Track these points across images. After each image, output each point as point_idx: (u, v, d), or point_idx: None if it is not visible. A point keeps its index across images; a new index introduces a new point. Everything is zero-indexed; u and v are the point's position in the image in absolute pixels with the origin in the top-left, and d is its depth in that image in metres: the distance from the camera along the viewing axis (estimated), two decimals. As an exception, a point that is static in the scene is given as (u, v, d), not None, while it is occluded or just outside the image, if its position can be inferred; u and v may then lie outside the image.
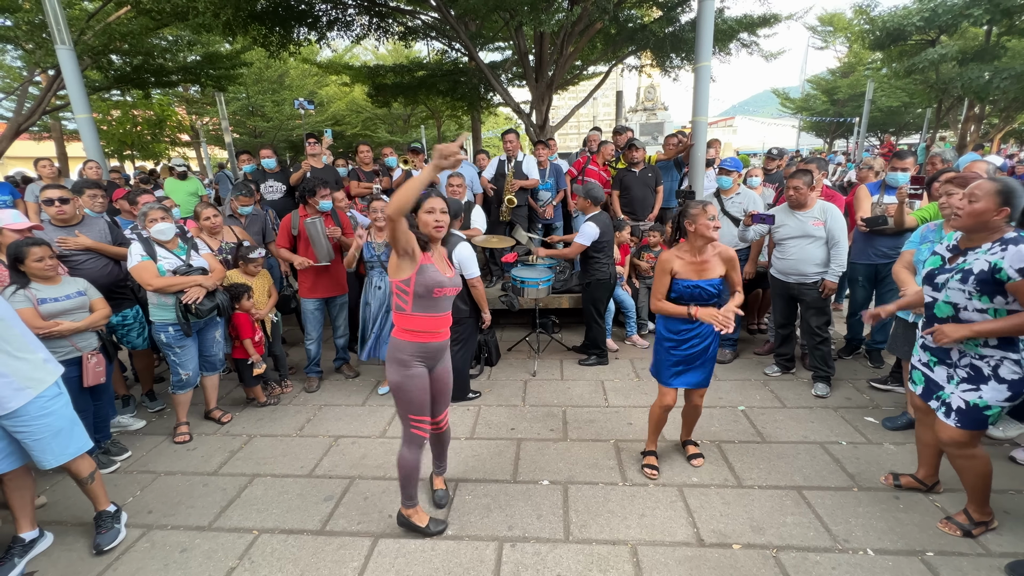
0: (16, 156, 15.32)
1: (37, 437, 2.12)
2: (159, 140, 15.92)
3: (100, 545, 2.34)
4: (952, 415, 2.10)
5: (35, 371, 2.13)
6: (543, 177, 5.22)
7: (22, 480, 2.21)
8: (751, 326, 4.92)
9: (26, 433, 2.11)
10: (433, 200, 2.08)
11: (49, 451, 2.16)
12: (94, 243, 3.21)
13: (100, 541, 2.35)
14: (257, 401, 3.74)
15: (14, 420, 2.08)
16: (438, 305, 2.16)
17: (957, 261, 2.07)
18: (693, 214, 2.44)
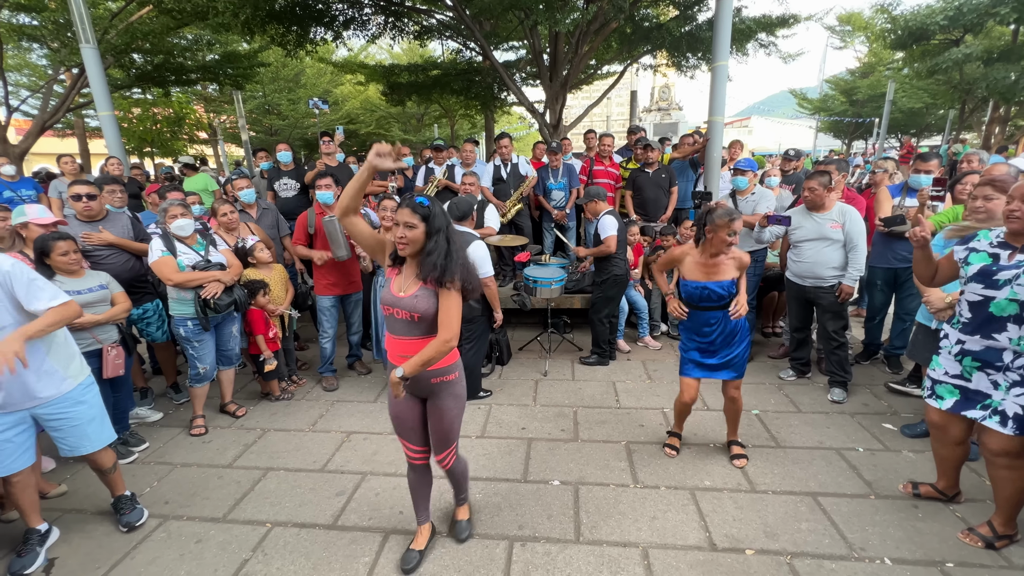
0: (40, 152, 15.68)
1: (75, 423, 2.21)
2: (178, 137, 16.20)
3: (130, 522, 2.44)
4: (1009, 423, 1.99)
5: (73, 365, 2.25)
6: (556, 177, 5.21)
7: (29, 478, 2.24)
8: (765, 329, 4.86)
9: (64, 420, 2.19)
10: (399, 212, 1.82)
11: (85, 438, 2.25)
12: (117, 239, 3.27)
13: (129, 519, 2.44)
14: (272, 395, 3.79)
15: (53, 407, 2.16)
16: (392, 325, 1.93)
17: (1016, 258, 2.00)
18: (717, 224, 2.44)
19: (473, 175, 4.21)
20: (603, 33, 8.34)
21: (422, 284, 1.85)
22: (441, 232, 1.82)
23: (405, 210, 1.80)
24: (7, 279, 2.00)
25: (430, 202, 1.82)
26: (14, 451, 2.11)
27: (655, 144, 5.16)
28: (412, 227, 1.79)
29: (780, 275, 4.49)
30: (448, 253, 1.81)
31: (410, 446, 2.12)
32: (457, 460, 2.20)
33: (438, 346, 1.81)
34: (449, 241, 1.83)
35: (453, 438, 2.12)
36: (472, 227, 3.52)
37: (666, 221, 5.17)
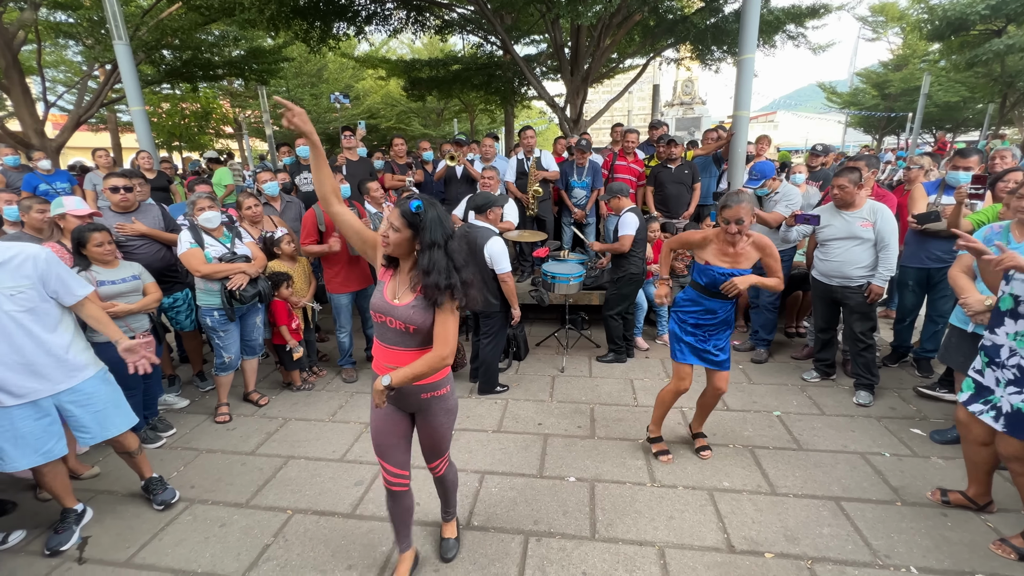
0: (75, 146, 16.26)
1: (99, 408, 2.30)
2: (205, 132, 16.59)
3: (166, 500, 2.56)
4: (1001, 420, 2.02)
5: (89, 354, 2.35)
6: (580, 175, 5.16)
7: (60, 466, 2.33)
8: (789, 329, 4.76)
9: (89, 405, 2.27)
10: (391, 210, 1.70)
11: (109, 421, 2.34)
12: (149, 230, 3.37)
13: (164, 498, 2.56)
14: (293, 385, 3.87)
15: (78, 393, 2.24)
16: (383, 333, 1.77)
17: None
18: (724, 215, 2.44)
19: (493, 170, 4.19)
20: (626, 26, 8.22)
21: (418, 293, 1.68)
22: (437, 247, 1.62)
23: (396, 210, 1.66)
24: (47, 266, 2.12)
25: (426, 209, 1.63)
26: (46, 440, 2.18)
27: (679, 140, 5.07)
28: (396, 230, 1.64)
29: (805, 274, 4.38)
30: (450, 270, 1.63)
31: (390, 468, 1.90)
32: (449, 467, 2.10)
33: (432, 361, 1.67)
34: (450, 256, 1.64)
35: (445, 448, 2.02)
36: (493, 222, 3.52)
37: (688, 218, 5.09)
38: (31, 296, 2.08)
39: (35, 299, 2.09)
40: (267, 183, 4.27)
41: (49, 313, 2.15)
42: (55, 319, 2.18)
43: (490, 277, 3.44)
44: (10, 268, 2.04)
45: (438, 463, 2.04)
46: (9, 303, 2.02)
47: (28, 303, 2.07)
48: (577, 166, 5.17)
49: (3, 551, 2.30)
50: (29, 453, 2.14)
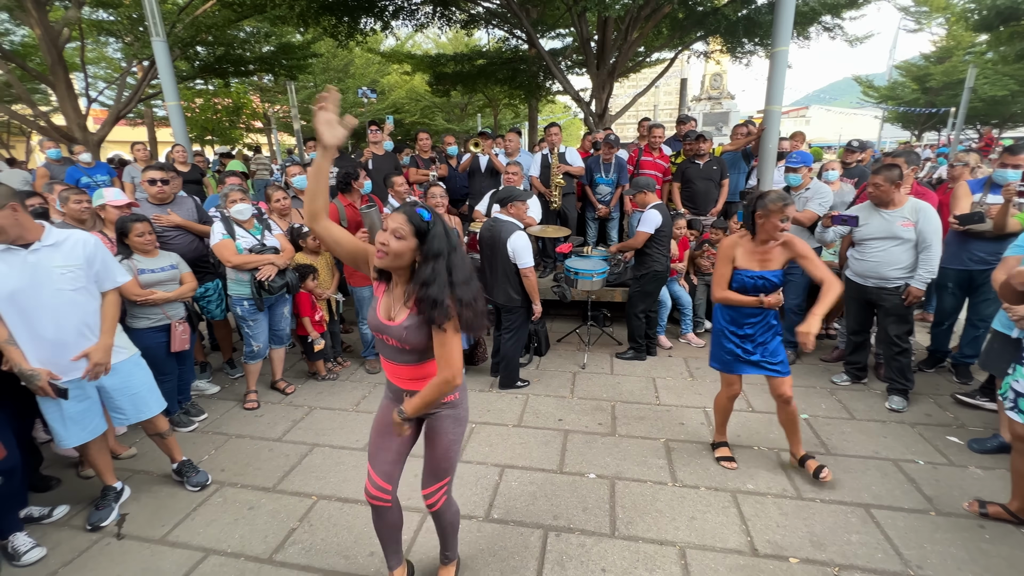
0: (113, 140, 16.90)
1: (135, 391, 2.44)
2: (236, 126, 17.02)
3: (200, 482, 2.67)
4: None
5: (124, 339, 2.50)
6: (607, 172, 5.10)
7: (102, 443, 2.46)
8: (818, 331, 4.61)
9: (126, 388, 2.40)
10: (392, 216, 1.52)
11: (143, 404, 2.47)
12: (184, 221, 3.48)
13: (198, 479, 2.67)
14: (318, 375, 3.96)
15: (116, 374, 2.37)
16: (383, 348, 1.69)
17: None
18: (769, 209, 2.34)
19: (518, 165, 4.18)
20: (654, 18, 8.07)
21: (412, 310, 1.56)
22: (441, 257, 1.50)
23: (400, 216, 1.50)
24: (95, 250, 2.28)
25: (433, 217, 1.52)
26: (91, 419, 2.33)
27: (708, 135, 4.96)
28: (401, 237, 1.49)
29: (836, 275, 4.25)
30: (450, 284, 1.50)
31: (375, 477, 1.77)
32: (448, 502, 1.86)
33: (440, 387, 1.57)
34: (451, 270, 1.52)
35: (448, 470, 1.80)
36: (517, 216, 3.52)
37: (716, 215, 4.98)
38: (79, 276, 2.22)
39: (83, 279, 2.24)
40: (296, 176, 4.36)
41: (93, 295, 2.29)
42: (98, 301, 2.32)
43: (512, 272, 3.45)
44: (64, 249, 2.19)
45: (435, 490, 1.80)
46: (59, 281, 2.16)
47: (77, 283, 2.22)
48: (603, 162, 5.11)
49: (48, 524, 2.42)
50: (77, 431, 2.29)
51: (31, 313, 2.12)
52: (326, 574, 2.11)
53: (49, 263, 2.14)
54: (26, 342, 2.14)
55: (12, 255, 2.08)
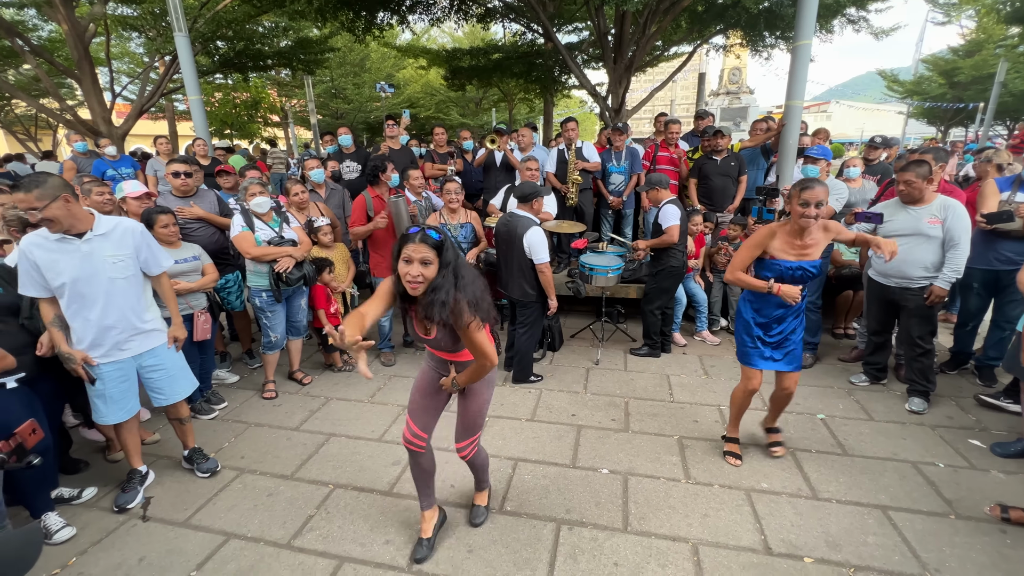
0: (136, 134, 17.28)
1: (171, 373, 2.55)
2: (254, 120, 17.25)
3: (211, 469, 2.74)
4: None
5: (162, 322, 2.57)
6: (619, 160, 5.07)
7: (134, 424, 2.56)
8: (836, 330, 4.55)
9: (163, 369, 2.52)
10: (412, 246, 1.64)
11: (178, 385, 2.59)
12: (205, 213, 3.56)
13: (209, 466, 2.75)
14: (334, 367, 4.02)
15: (152, 358, 2.48)
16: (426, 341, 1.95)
17: None
18: (790, 195, 2.32)
19: (535, 160, 4.18)
20: (673, 12, 7.96)
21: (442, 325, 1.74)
22: (450, 265, 1.68)
23: (419, 245, 1.62)
24: (141, 238, 2.40)
25: (440, 235, 1.68)
26: (129, 399, 2.45)
27: (726, 130, 4.89)
28: (429, 263, 1.63)
29: (856, 274, 4.18)
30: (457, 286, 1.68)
31: (414, 428, 2.07)
32: (478, 451, 2.20)
33: (479, 370, 1.92)
34: (457, 273, 1.69)
35: (479, 425, 2.14)
36: (533, 212, 3.52)
37: (733, 212, 4.92)
38: (129, 264, 2.34)
39: (131, 267, 2.35)
40: (313, 170, 4.41)
41: (139, 281, 2.41)
42: (141, 287, 2.43)
43: (528, 267, 3.45)
44: (114, 238, 2.29)
45: (468, 444, 2.14)
46: (111, 269, 2.27)
47: (128, 271, 2.33)
48: (615, 151, 5.07)
49: (77, 505, 2.52)
50: (117, 410, 2.41)
51: (85, 299, 2.23)
52: (343, 560, 2.16)
53: (101, 252, 2.25)
54: (76, 325, 2.26)
55: (67, 244, 2.18)
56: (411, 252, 1.63)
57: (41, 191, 2.03)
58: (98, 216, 2.28)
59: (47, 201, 2.05)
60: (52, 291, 2.21)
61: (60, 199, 2.08)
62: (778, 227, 2.47)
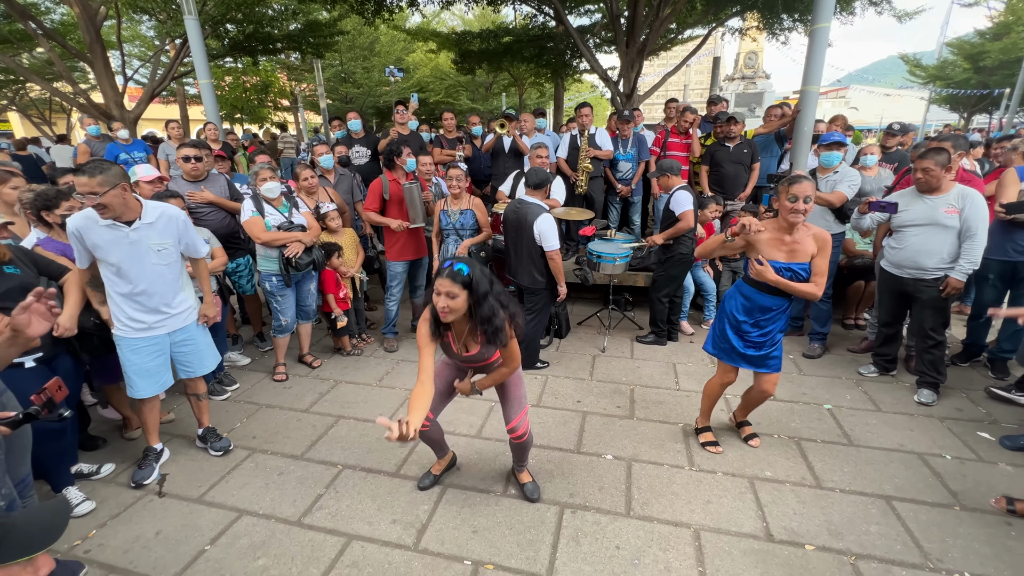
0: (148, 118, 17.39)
1: (199, 348, 2.67)
2: (264, 104, 17.25)
3: (224, 447, 2.83)
4: None
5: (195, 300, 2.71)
6: (625, 147, 5.00)
7: (156, 401, 2.64)
8: (847, 321, 4.51)
9: (191, 345, 2.62)
10: (440, 280, 1.84)
11: (205, 358, 2.70)
12: (216, 198, 3.59)
13: (222, 445, 2.83)
14: (343, 351, 4.08)
15: (184, 333, 2.59)
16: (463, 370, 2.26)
17: None
18: (778, 190, 2.31)
19: (544, 147, 4.14)
20: (688, -7, 7.77)
21: (482, 340, 1.98)
22: (489, 295, 1.87)
23: (446, 280, 1.82)
24: (183, 227, 2.50)
25: (470, 268, 1.84)
26: (164, 373, 2.55)
27: (740, 116, 4.80)
28: (454, 296, 1.83)
29: (869, 264, 4.12)
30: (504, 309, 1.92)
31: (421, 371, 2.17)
32: (528, 427, 2.30)
33: (506, 374, 2.15)
34: (500, 300, 1.91)
35: (525, 398, 2.29)
36: (543, 198, 3.51)
37: (744, 200, 4.86)
38: (172, 252, 2.45)
39: (174, 255, 2.47)
40: (323, 156, 4.42)
41: (178, 266, 2.51)
42: (179, 271, 2.53)
43: (538, 254, 3.45)
44: (158, 227, 2.38)
45: (519, 421, 2.24)
46: (155, 257, 2.38)
47: (170, 258, 2.44)
48: (622, 138, 5.01)
49: (96, 480, 2.60)
50: (151, 384, 2.52)
51: (128, 280, 2.35)
52: (351, 537, 2.22)
53: (147, 240, 2.35)
54: (117, 300, 2.38)
55: (116, 231, 2.27)
56: (439, 286, 1.84)
57: (104, 178, 2.13)
58: (145, 204, 2.36)
59: (108, 188, 2.14)
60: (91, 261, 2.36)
61: (119, 187, 2.18)
62: (769, 224, 2.44)
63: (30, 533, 0.80)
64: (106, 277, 2.37)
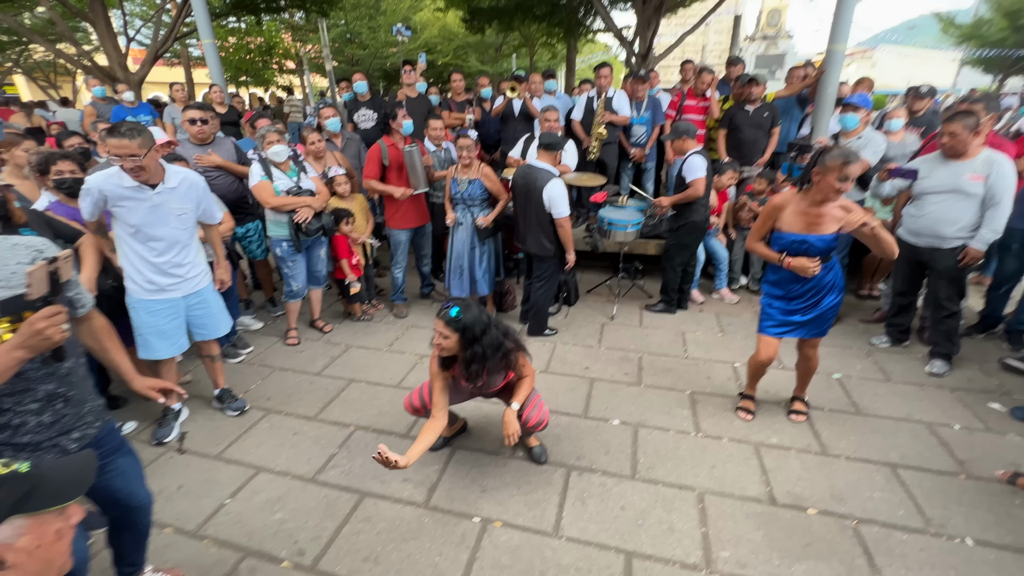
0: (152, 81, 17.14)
1: (213, 311, 2.71)
2: (268, 66, 16.88)
3: (240, 407, 2.91)
4: None
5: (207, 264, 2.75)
6: (639, 110, 4.83)
7: (172, 363, 2.70)
8: (861, 291, 4.44)
9: (207, 308, 2.67)
10: (436, 321, 2.03)
11: (219, 321, 2.75)
12: (224, 162, 3.56)
13: (238, 405, 2.92)
14: (353, 316, 4.12)
15: (200, 296, 2.62)
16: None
17: None
18: (827, 166, 2.18)
19: (555, 110, 4.01)
20: (710, -56, 7.33)
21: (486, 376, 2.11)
22: (478, 342, 2.00)
23: (439, 322, 2.01)
24: (203, 192, 2.54)
25: (462, 313, 1.98)
26: (179, 335, 2.60)
27: (761, 79, 4.60)
28: (447, 337, 2.00)
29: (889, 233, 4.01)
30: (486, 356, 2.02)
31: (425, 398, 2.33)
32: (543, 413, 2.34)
33: (532, 384, 2.28)
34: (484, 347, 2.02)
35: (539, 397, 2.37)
36: (554, 163, 3.43)
37: (762, 166, 4.72)
38: (190, 217, 2.50)
39: (192, 220, 2.51)
40: (329, 119, 4.33)
41: (194, 229, 2.55)
42: (195, 235, 2.56)
43: (547, 220, 3.41)
44: (180, 193, 2.40)
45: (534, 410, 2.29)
46: (176, 221, 2.41)
47: (188, 223, 2.47)
48: (636, 100, 4.83)
49: (119, 437, 2.70)
50: (168, 346, 2.56)
51: (147, 243, 2.38)
52: (364, 495, 2.30)
53: (169, 204, 2.37)
54: (135, 262, 2.41)
55: (141, 193, 2.28)
56: (435, 325, 2.03)
57: (143, 139, 2.14)
58: (168, 168, 2.36)
59: (146, 150, 2.15)
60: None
61: (153, 150, 2.19)
62: (792, 196, 2.35)
63: (59, 484, 0.84)
64: (122, 238, 2.38)
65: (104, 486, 1.51)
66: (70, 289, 1.44)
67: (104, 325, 1.63)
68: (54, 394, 1.34)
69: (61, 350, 1.27)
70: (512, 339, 2.14)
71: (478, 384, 2.16)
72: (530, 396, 2.30)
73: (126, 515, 1.64)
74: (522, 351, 2.19)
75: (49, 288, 1.21)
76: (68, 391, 1.37)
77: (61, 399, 1.36)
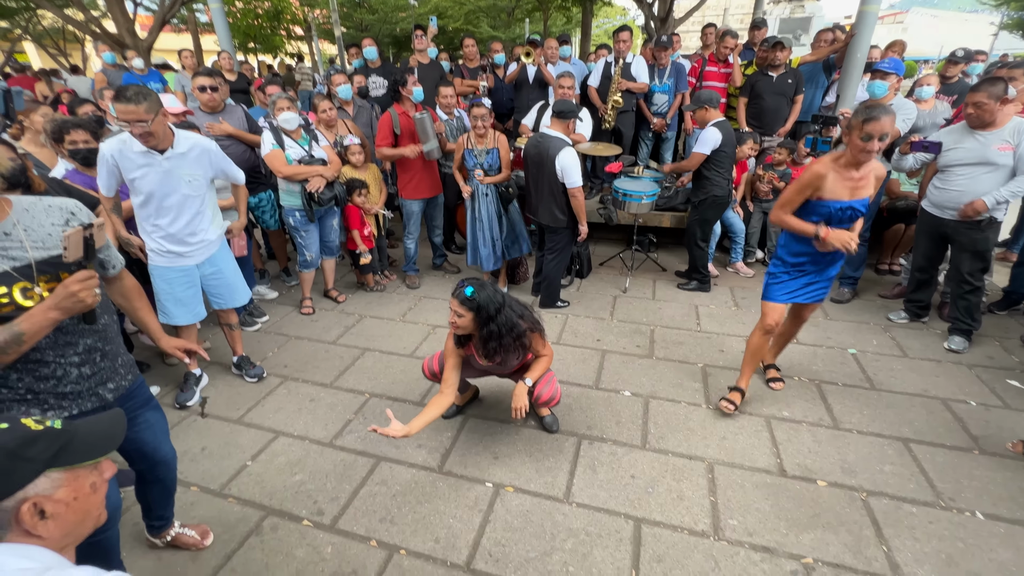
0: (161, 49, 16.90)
1: (229, 280, 2.72)
2: (276, 33, 16.56)
3: (258, 374, 2.98)
4: None
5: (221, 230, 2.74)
6: (661, 78, 4.67)
7: (192, 330, 2.74)
8: (881, 266, 4.35)
9: (222, 276, 2.69)
10: (451, 300, 2.07)
11: (236, 291, 2.78)
12: (235, 130, 3.53)
13: (256, 372, 2.99)
14: (367, 286, 4.15)
15: (214, 264, 2.63)
16: None
17: None
18: (850, 124, 2.08)
19: (570, 77, 3.89)
20: None
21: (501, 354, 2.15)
22: (493, 320, 2.03)
23: (454, 301, 2.05)
24: (217, 157, 2.53)
25: (476, 292, 2.00)
26: (196, 304, 2.64)
27: (787, 42, 4.39)
28: (461, 316, 2.04)
29: (912, 207, 3.90)
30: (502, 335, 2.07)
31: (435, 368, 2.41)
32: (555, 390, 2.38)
33: (549, 363, 2.31)
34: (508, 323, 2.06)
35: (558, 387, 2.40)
36: (567, 132, 3.35)
37: (783, 135, 4.56)
38: (201, 184, 2.46)
39: (203, 187, 2.48)
40: (340, 86, 4.26)
41: (206, 197, 2.54)
42: (207, 202, 2.55)
43: (559, 191, 3.35)
44: (190, 159, 2.39)
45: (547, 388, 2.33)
46: (187, 187, 2.40)
47: (199, 189, 2.46)
48: (658, 67, 4.65)
49: (144, 401, 2.79)
50: (186, 313, 2.60)
51: (160, 210, 2.39)
52: (379, 459, 2.36)
53: (179, 170, 2.35)
54: (148, 229, 2.44)
55: (151, 158, 2.28)
56: (451, 303, 2.07)
57: (149, 104, 2.11)
58: (177, 133, 2.35)
59: (153, 115, 2.13)
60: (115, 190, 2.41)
61: (160, 114, 2.17)
62: (831, 162, 2.20)
63: (92, 440, 0.87)
64: (138, 209, 2.40)
65: (133, 438, 1.58)
66: (102, 252, 1.50)
67: (134, 285, 1.69)
68: (93, 347, 1.41)
69: (92, 313, 1.32)
70: (529, 320, 2.16)
71: (495, 361, 2.18)
72: (544, 374, 2.33)
73: (152, 468, 1.72)
74: (539, 332, 2.22)
75: (84, 253, 1.26)
76: (104, 345, 1.44)
77: (99, 352, 1.43)
